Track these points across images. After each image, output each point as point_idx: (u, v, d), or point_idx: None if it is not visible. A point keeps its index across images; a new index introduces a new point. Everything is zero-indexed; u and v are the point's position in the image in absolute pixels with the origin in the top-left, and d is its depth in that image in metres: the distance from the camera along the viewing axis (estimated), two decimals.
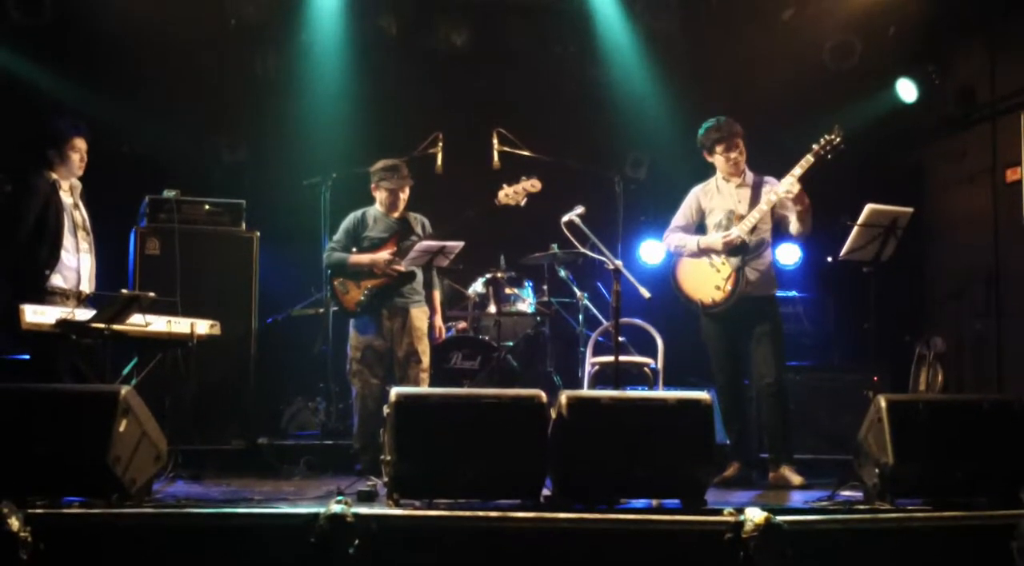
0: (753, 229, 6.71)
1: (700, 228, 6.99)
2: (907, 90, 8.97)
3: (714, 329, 6.89)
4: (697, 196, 7.05)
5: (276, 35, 9.02)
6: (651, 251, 9.78)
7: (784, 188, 6.59)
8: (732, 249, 6.71)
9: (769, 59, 8.91)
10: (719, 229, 6.84)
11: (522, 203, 6.92)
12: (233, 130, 9.41)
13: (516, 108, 8.93)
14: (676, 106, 9.35)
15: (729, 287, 6.72)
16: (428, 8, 9.11)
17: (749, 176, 6.93)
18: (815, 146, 6.63)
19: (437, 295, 7.44)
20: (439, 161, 7.22)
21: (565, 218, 6.58)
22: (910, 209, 6.46)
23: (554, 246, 7.92)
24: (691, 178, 9.25)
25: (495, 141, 7.16)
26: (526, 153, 7.19)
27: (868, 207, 6.39)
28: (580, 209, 6.58)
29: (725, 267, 6.74)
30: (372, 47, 9.11)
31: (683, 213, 7.07)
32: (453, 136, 7.34)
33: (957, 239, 8.98)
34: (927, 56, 9.00)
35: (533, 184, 6.90)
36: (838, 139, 6.60)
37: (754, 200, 6.76)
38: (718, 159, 6.94)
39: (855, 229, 6.42)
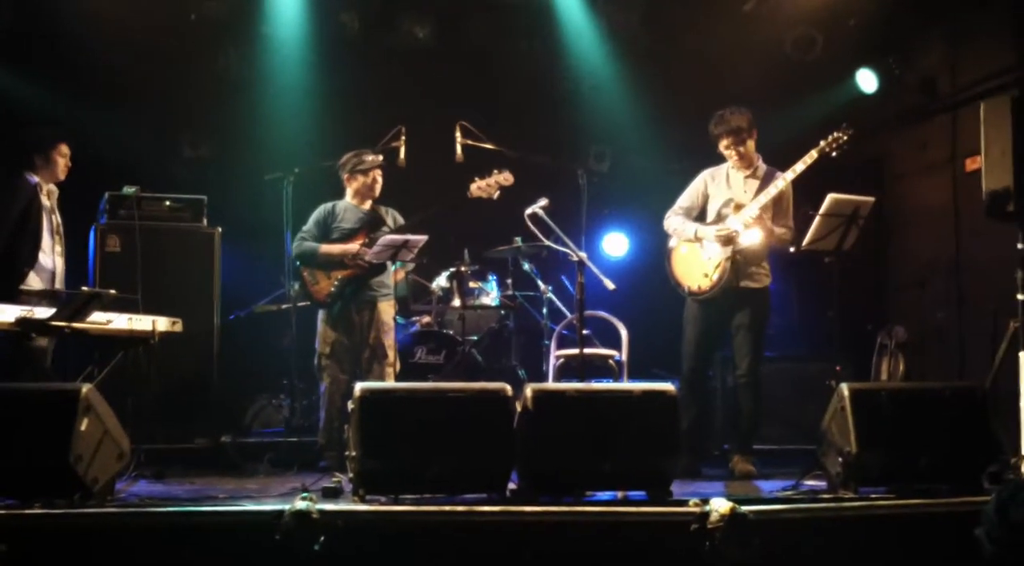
0: (749, 222, 6.70)
1: (704, 212, 6.97)
2: (867, 81, 9.01)
3: (695, 312, 6.89)
4: (705, 180, 7.02)
5: (237, 30, 8.96)
6: (615, 243, 9.82)
7: (760, 203, 6.60)
8: (725, 240, 6.71)
9: (731, 51, 8.94)
10: (718, 217, 6.83)
11: (495, 196, 6.90)
12: (194, 126, 9.35)
13: (479, 102, 8.89)
14: (639, 99, 9.38)
15: (716, 277, 6.73)
16: (390, 3, 9.07)
17: (761, 168, 6.90)
18: (822, 142, 6.62)
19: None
20: (401, 154, 7.22)
21: (529, 211, 6.57)
22: (871, 198, 6.51)
23: (518, 239, 7.91)
24: (654, 171, 9.34)
25: (458, 134, 7.14)
26: (489, 146, 7.18)
27: (830, 196, 6.42)
28: (544, 202, 6.58)
29: (715, 256, 6.74)
30: (334, 42, 9.07)
31: (688, 195, 7.05)
32: (417, 130, 7.32)
33: (918, 229, 9.04)
34: (888, 47, 9.05)
35: (506, 177, 6.88)
36: (846, 137, 6.58)
37: (759, 192, 6.75)
38: (724, 152, 6.91)
39: (817, 219, 6.46)
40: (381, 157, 7.21)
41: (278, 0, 8.83)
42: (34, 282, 6.53)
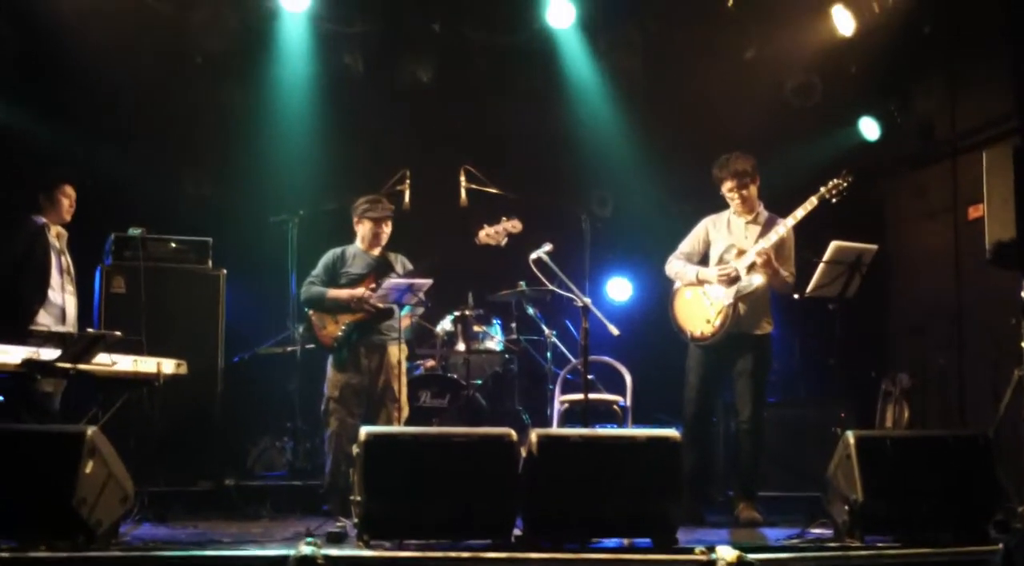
0: (751, 266, 6.72)
1: (705, 257, 7.00)
2: (870, 128, 9.07)
3: (697, 358, 6.89)
4: (707, 226, 7.06)
5: (242, 71, 8.99)
6: (618, 288, 9.84)
7: (761, 246, 6.63)
8: (728, 281, 6.73)
9: (732, 98, 8.98)
10: (720, 262, 6.85)
11: (503, 243, 6.88)
12: (199, 167, 9.37)
13: (482, 145, 8.95)
14: (641, 144, 9.41)
15: (718, 322, 6.74)
16: (394, 45, 9.12)
17: (763, 215, 6.93)
18: (822, 189, 6.68)
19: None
20: (406, 198, 7.25)
21: (533, 255, 6.59)
22: (875, 246, 6.53)
23: (522, 283, 7.91)
24: (657, 216, 9.36)
25: (462, 178, 7.17)
26: (493, 190, 7.21)
27: (833, 244, 6.46)
28: (548, 246, 6.60)
29: (717, 302, 6.76)
30: (338, 83, 9.10)
31: (690, 241, 7.09)
32: (420, 173, 7.35)
33: (919, 275, 9.06)
34: (888, 93, 9.11)
35: (514, 225, 6.86)
36: (845, 184, 6.64)
37: (761, 238, 6.77)
38: (727, 196, 6.94)
39: (820, 266, 6.48)
40: (392, 207, 7.21)
41: (283, 41, 8.85)
42: (44, 319, 6.61)
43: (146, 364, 6.32)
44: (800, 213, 6.67)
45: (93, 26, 8.05)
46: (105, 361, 6.06)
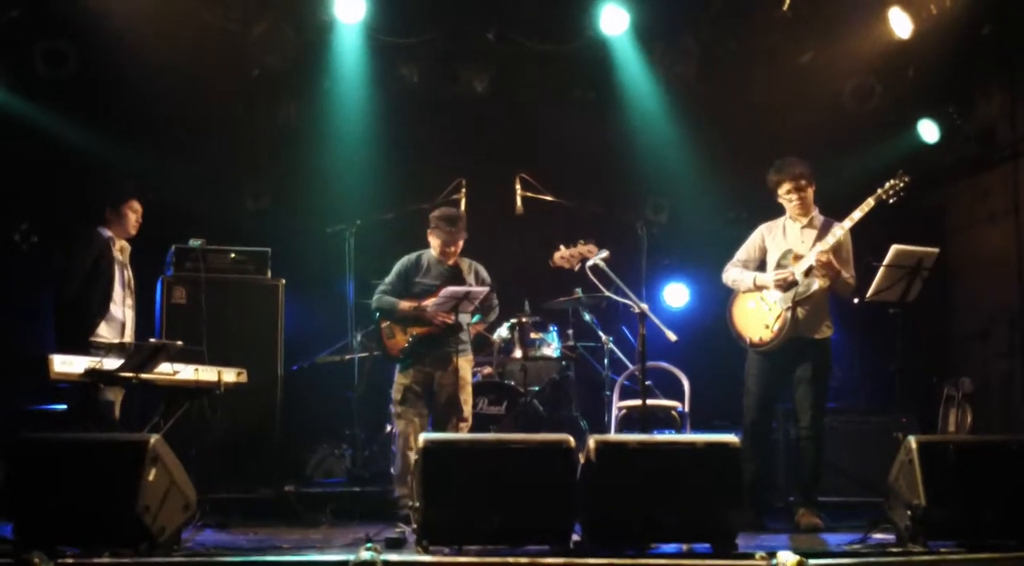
0: (809, 271, 6.68)
1: (762, 264, 6.97)
2: (929, 131, 8.97)
3: (757, 365, 6.84)
4: (762, 233, 7.02)
5: (299, 84, 9.09)
6: (675, 294, 9.81)
7: (819, 249, 6.58)
8: (785, 287, 6.69)
9: (788, 102, 8.93)
10: (777, 268, 6.81)
11: (576, 268, 6.82)
12: (257, 178, 9.47)
13: (538, 153, 8.97)
14: (696, 150, 9.37)
15: (777, 327, 6.70)
16: (449, 55, 9.17)
17: (818, 219, 6.88)
18: (879, 190, 6.61)
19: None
20: (462, 207, 7.26)
21: (589, 262, 6.57)
22: (935, 249, 6.45)
23: (578, 290, 7.92)
24: (713, 222, 9.32)
25: (518, 186, 7.17)
26: (549, 198, 7.21)
27: (893, 248, 6.39)
28: (604, 253, 6.57)
29: (776, 307, 6.72)
30: (394, 94, 9.16)
31: (746, 248, 7.05)
32: (476, 181, 7.37)
33: (981, 279, 8.95)
34: (947, 97, 9.02)
35: (590, 249, 6.76)
36: (902, 184, 6.58)
37: (817, 242, 6.72)
38: (783, 199, 6.90)
39: (881, 270, 6.41)
40: (464, 230, 7.08)
41: (339, 53, 8.92)
42: (104, 332, 6.70)
43: (207, 373, 6.41)
44: (857, 215, 6.60)
45: (153, 41, 8.18)
46: (167, 370, 6.16)
